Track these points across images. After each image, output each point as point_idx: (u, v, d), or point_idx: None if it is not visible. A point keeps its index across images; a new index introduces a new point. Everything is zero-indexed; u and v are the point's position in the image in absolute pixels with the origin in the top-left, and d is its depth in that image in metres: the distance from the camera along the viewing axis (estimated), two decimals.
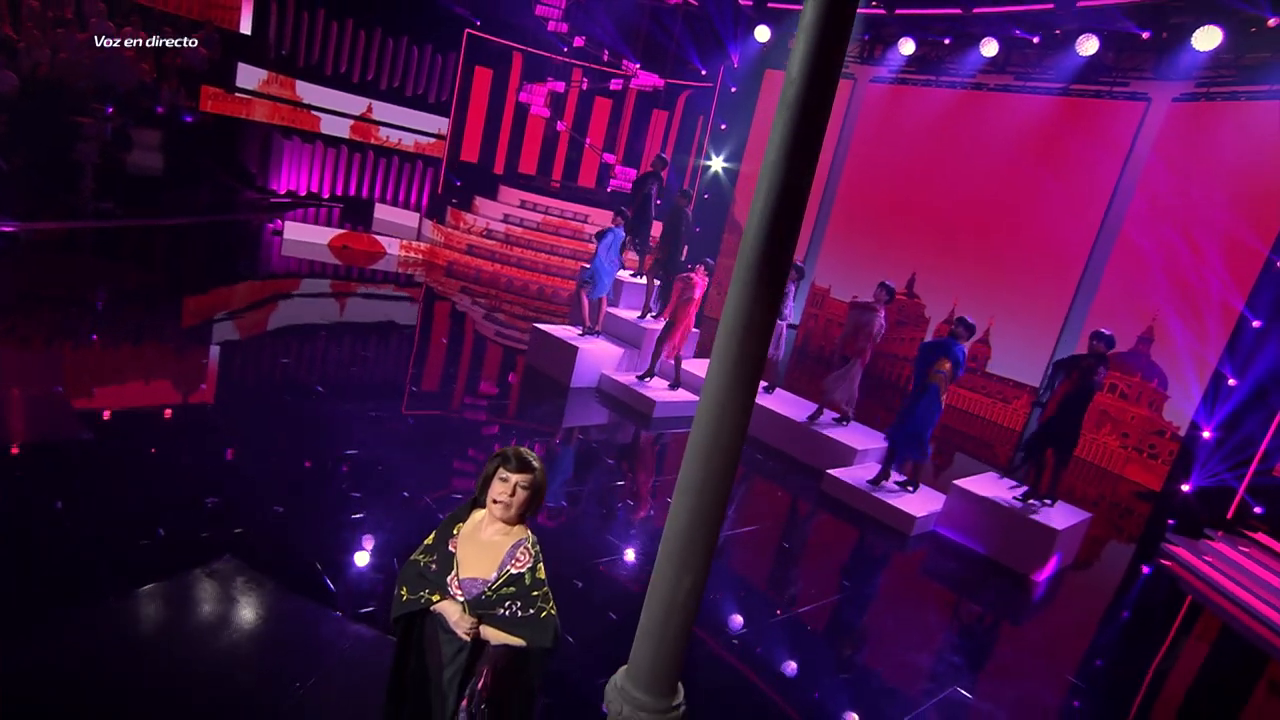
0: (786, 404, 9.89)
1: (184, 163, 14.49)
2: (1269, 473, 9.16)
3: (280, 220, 14.91)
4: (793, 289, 10.17)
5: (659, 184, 11.80)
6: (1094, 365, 7.48)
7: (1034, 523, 7.55)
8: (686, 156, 17.57)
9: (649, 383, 10.00)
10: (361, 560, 5.23)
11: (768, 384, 10.09)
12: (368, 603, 4.74)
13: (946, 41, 13.05)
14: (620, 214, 10.65)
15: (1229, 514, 9.35)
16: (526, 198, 17.23)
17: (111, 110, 13.30)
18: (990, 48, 12.34)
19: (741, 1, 15.23)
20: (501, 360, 11.21)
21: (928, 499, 8.30)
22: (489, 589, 2.74)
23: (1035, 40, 11.99)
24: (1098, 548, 8.93)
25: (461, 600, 2.75)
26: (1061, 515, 7.79)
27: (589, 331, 10.46)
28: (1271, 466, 9.19)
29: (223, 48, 15.03)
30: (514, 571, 2.75)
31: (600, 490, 7.51)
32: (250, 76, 15.55)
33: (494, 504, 2.77)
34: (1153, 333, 10.93)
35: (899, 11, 12.93)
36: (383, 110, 17.39)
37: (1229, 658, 7.33)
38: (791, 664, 5.31)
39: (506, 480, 2.76)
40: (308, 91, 16.46)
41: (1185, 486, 9.98)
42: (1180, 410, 10.60)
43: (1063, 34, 11.69)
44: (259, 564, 4.83)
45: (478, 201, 17.11)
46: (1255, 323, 9.73)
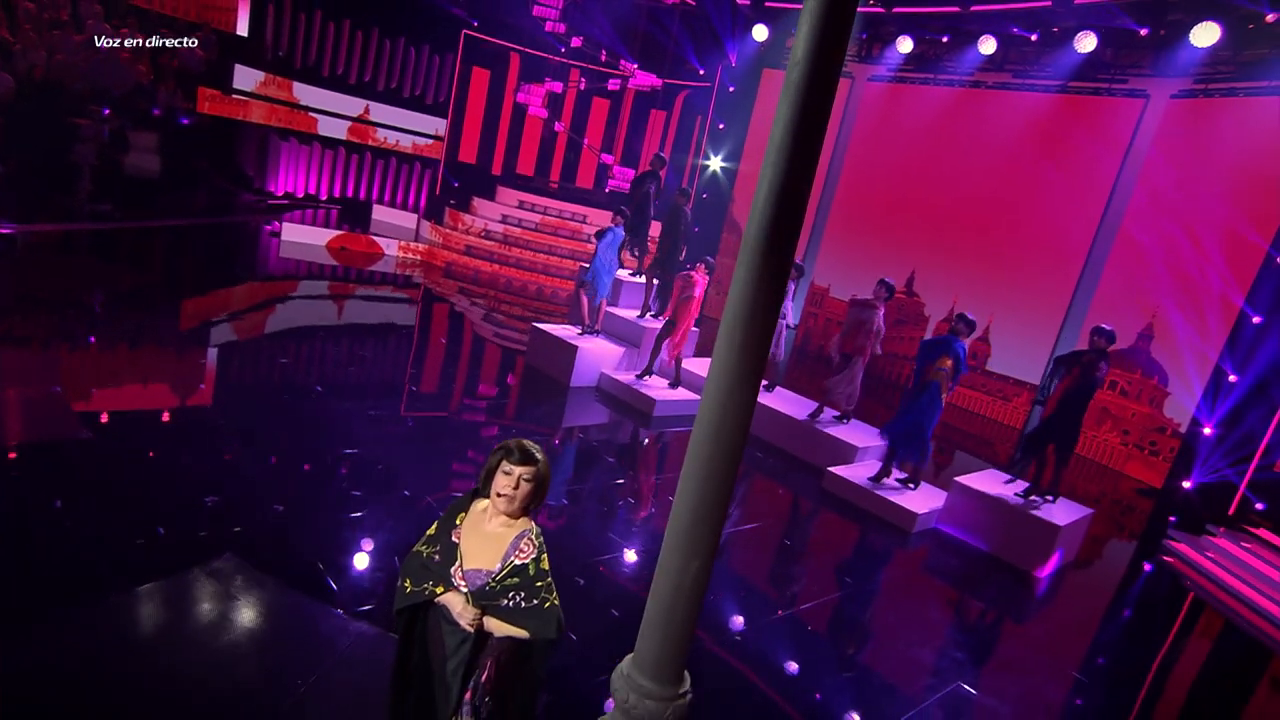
0: (787, 402, 9.87)
1: (181, 165, 14.45)
2: (1270, 468, 9.14)
3: (278, 222, 14.88)
4: (793, 287, 10.14)
5: (657, 183, 11.78)
6: (1095, 361, 7.46)
7: (1036, 519, 7.53)
8: (685, 156, 17.54)
9: (647, 381, 9.99)
10: (362, 558, 5.20)
11: (768, 382, 10.07)
12: (368, 601, 4.71)
13: (944, 39, 13.05)
14: (620, 213, 10.63)
15: (1230, 510, 9.33)
16: (524, 198, 17.20)
17: (108, 112, 13.27)
18: (988, 45, 12.34)
19: (739, 1, 15.21)
20: (500, 360, 11.18)
21: (929, 496, 8.28)
22: (493, 580, 2.71)
23: (1033, 38, 11.99)
24: (1099, 545, 8.91)
25: (465, 591, 2.72)
26: (1063, 511, 7.77)
27: (588, 330, 10.44)
28: (1273, 462, 9.17)
29: (219, 49, 15.00)
30: (518, 562, 2.73)
31: (601, 489, 7.48)
32: (247, 78, 15.53)
33: (498, 497, 2.75)
34: (1153, 329, 10.92)
35: (897, 10, 12.92)
36: (380, 111, 17.37)
37: (1232, 653, 7.30)
38: (794, 661, 5.28)
39: (510, 474, 2.73)
40: (305, 93, 16.44)
41: (1186, 483, 9.97)
42: (1181, 407, 10.59)
43: (1061, 31, 11.69)
44: (259, 562, 4.80)
45: (476, 202, 17.09)
46: (1255, 318, 9.72)
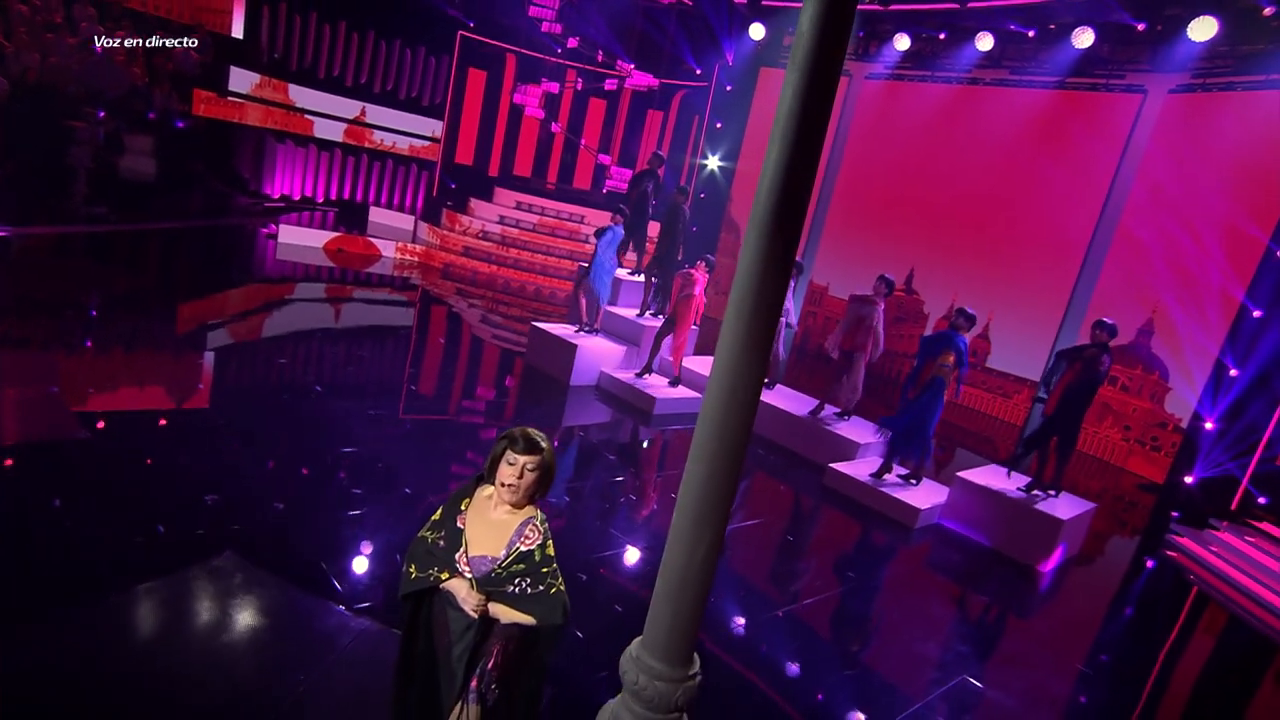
0: (788, 399, 9.84)
1: (177, 167, 14.41)
2: (1272, 461, 9.12)
3: (274, 224, 14.83)
4: (792, 285, 10.10)
5: (655, 181, 11.76)
6: (1097, 355, 7.43)
7: (1039, 513, 7.50)
8: (682, 156, 17.53)
9: (647, 379, 9.96)
10: (363, 555, 5.16)
11: (768, 380, 10.04)
12: (370, 597, 4.67)
13: (942, 36, 13.04)
14: (620, 212, 10.61)
15: (1233, 505, 9.30)
16: (522, 199, 17.17)
17: (103, 115, 13.22)
18: (985, 42, 12.34)
19: (736, 0, 15.21)
20: (499, 361, 11.14)
21: (931, 491, 8.25)
22: (498, 567, 2.68)
23: (1030, 34, 11.98)
24: (1102, 540, 8.88)
25: (470, 577, 2.69)
26: (1066, 505, 7.75)
27: (585, 329, 10.40)
28: (1275, 455, 9.14)
29: (215, 51, 14.96)
30: (523, 549, 2.70)
31: (602, 486, 7.44)
32: (243, 80, 15.50)
33: (502, 487, 2.71)
34: (1153, 324, 10.90)
35: (894, 7, 12.92)
36: (376, 113, 17.35)
37: (1237, 647, 7.27)
38: (798, 657, 5.24)
39: (514, 463, 2.69)
40: (301, 95, 16.41)
41: (1188, 478, 9.94)
42: (1182, 402, 10.57)
43: (1058, 27, 11.69)
44: (260, 560, 4.76)
45: (473, 203, 17.05)
46: (1256, 312, 9.71)
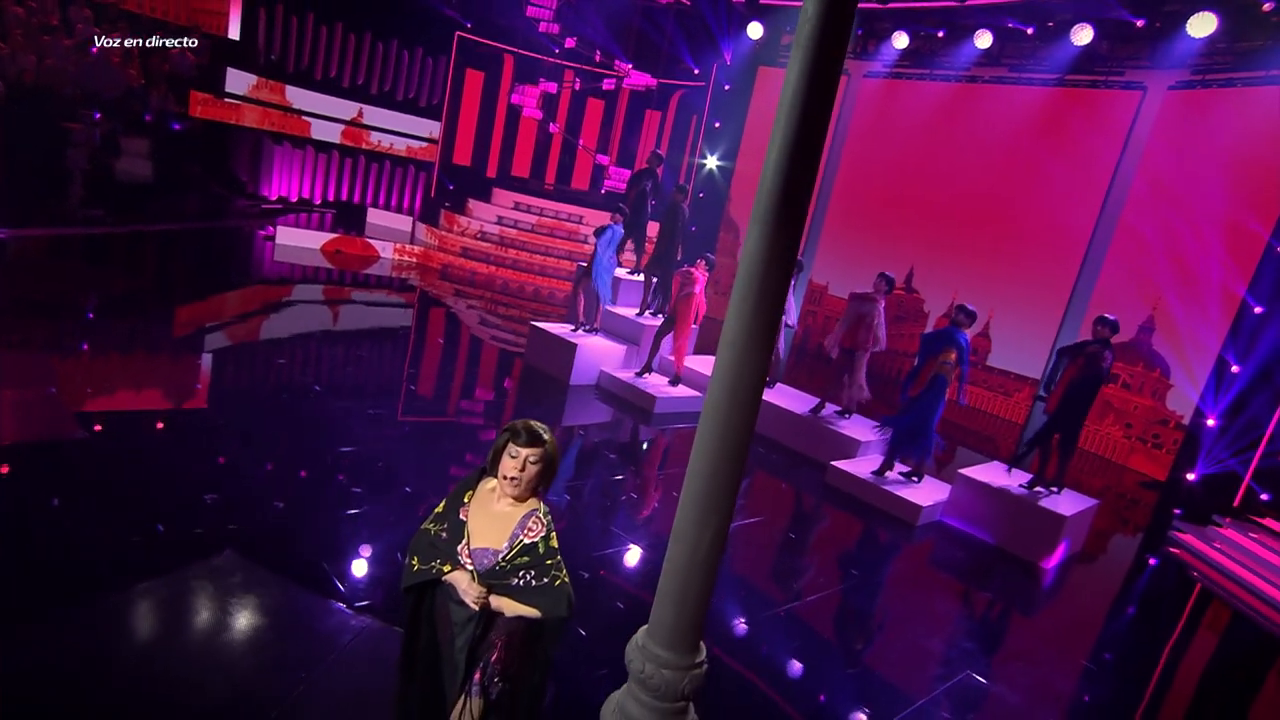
0: (788, 398, 9.81)
1: (173, 169, 14.35)
2: (1275, 457, 9.08)
3: (272, 226, 14.78)
4: (792, 283, 10.06)
5: (654, 180, 11.73)
6: (1099, 351, 7.40)
7: (1042, 510, 7.46)
8: (681, 155, 17.49)
9: (647, 378, 9.92)
10: (364, 554, 5.12)
11: (769, 379, 9.99)
12: (370, 595, 4.64)
13: (940, 34, 13.01)
14: (619, 211, 10.57)
15: (1235, 501, 9.27)
16: (520, 199, 17.13)
17: (99, 116, 13.17)
18: (984, 40, 12.31)
19: None
20: (499, 361, 11.10)
21: (933, 489, 8.21)
22: (502, 559, 2.65)
23: (1029, 31, 11.96)
24: (1104, 538, 8.85)
25: (471, 569, 2.66)
26: (1069, 502, 7.72)
27: (584, 329, 10.35)
28: (1277, 451, 9.11)
29: (211, 53, 14.92)
30: (527, 541, 2.67)
31: (603, 485, 7.40)
32: (239, 82, 15.44)
33: (504, 480, 2.69)
34: (1154, 322, 10.87)
35: (892, 5, 12.90)
36: (374, 114, 17.28)
37: (1241, 643, 7.24)
38: (802, 653, 5.20)
39: (516, 456, 2.67)
40: (298, 96, 16.35)
41: (1190, 475, 9.90)
42: (1184, 399, 10.53)
43: (1057, 24, 11.66)
44: (260, 559, 4.74)
45: (471, 204, 17.01)
46: (1257, 308, 9.68)
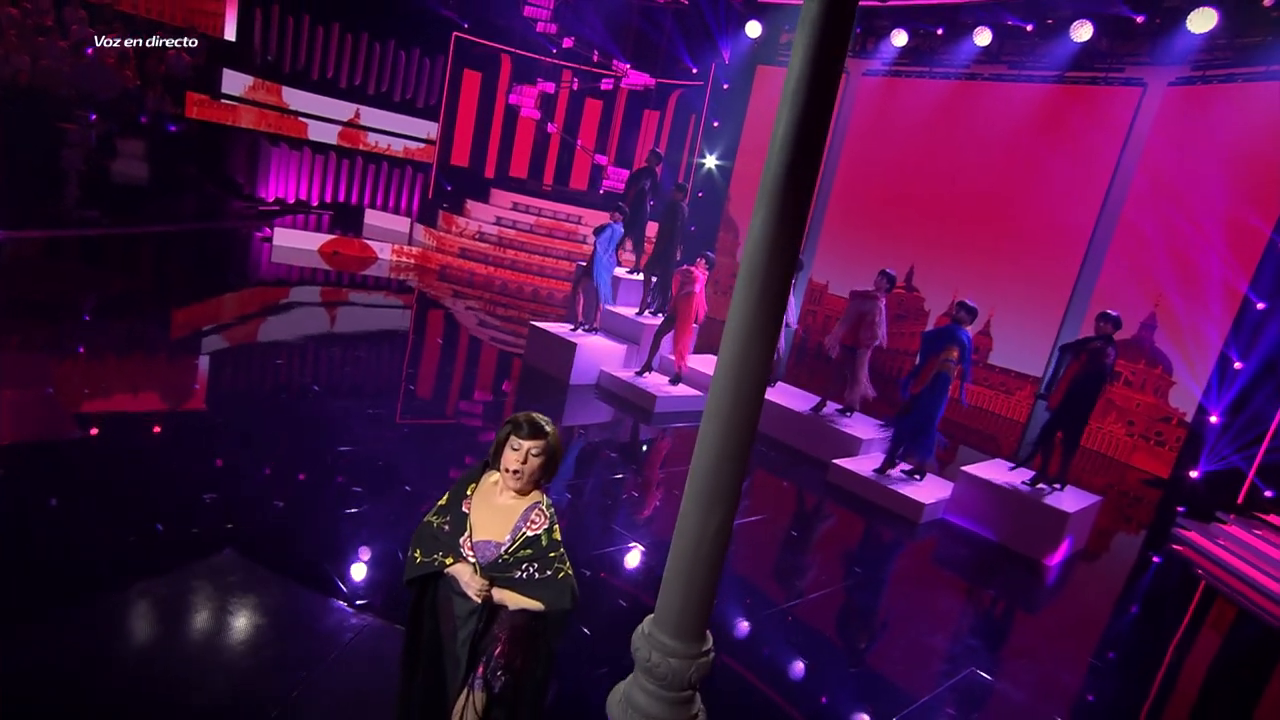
0: (789, 396, 9.76)
1: (169, 171, 14.29)
2: (1279, 451, 9.03)
3: (269, 227, 14.72)
4: (792, 282, 10.01)
5: (653, 179, 11.69)
6: (1102, 348, 7.35)
7: (1045, 506, 7.41)
8: (680, 155, 17.43)
9: (647, 377, 9.87)
10: (364, 552, 5.08)
11: (770, 378, 9.94)
12: (371, 594, 4.60)
13: (939, 32, 12.98)
14: (619, 209, 10.52)
15: (1239, 498, 9.22)
16: (519, 200, 17.08)
17: (95, 117, 13.11)
18: (983, 37, 12.27)
19: None
20: (498, 361, 11.05)
21: (936, 487, 8.16)
22: (505, 552, 2.61)
23: (1029, 28, 11.92)
24: (1107, 535, 8.80)
25: (474, 561, 2.62)
26: (1072, 499, 7.66)
27: (583, 328, 10.30)
28: None
29: (207, 54, 14.85)
30: (529, 534, 2.63)
31: (603, 484, 7.35)
32: (236, 83, 15.37)
33: (507, 473, 2.66)
34: (1155, 319, 10.83)
35: (891, 2, 12.86)
36: (371, 115, 17.22)
37: (1246, 640, 7.20)
38: (805, 650, 5.15)
39: (518, 448, 2.63)
40: (294, 98, 16.29)
41: (1194, 472, 9.84)
42: (1186, 395, 10.49)
43: (1056, 21, 11.63)
44: (260, 558, 4.71)
45: (469, 205, 16.96)
46: (1260, 304, 9.63)
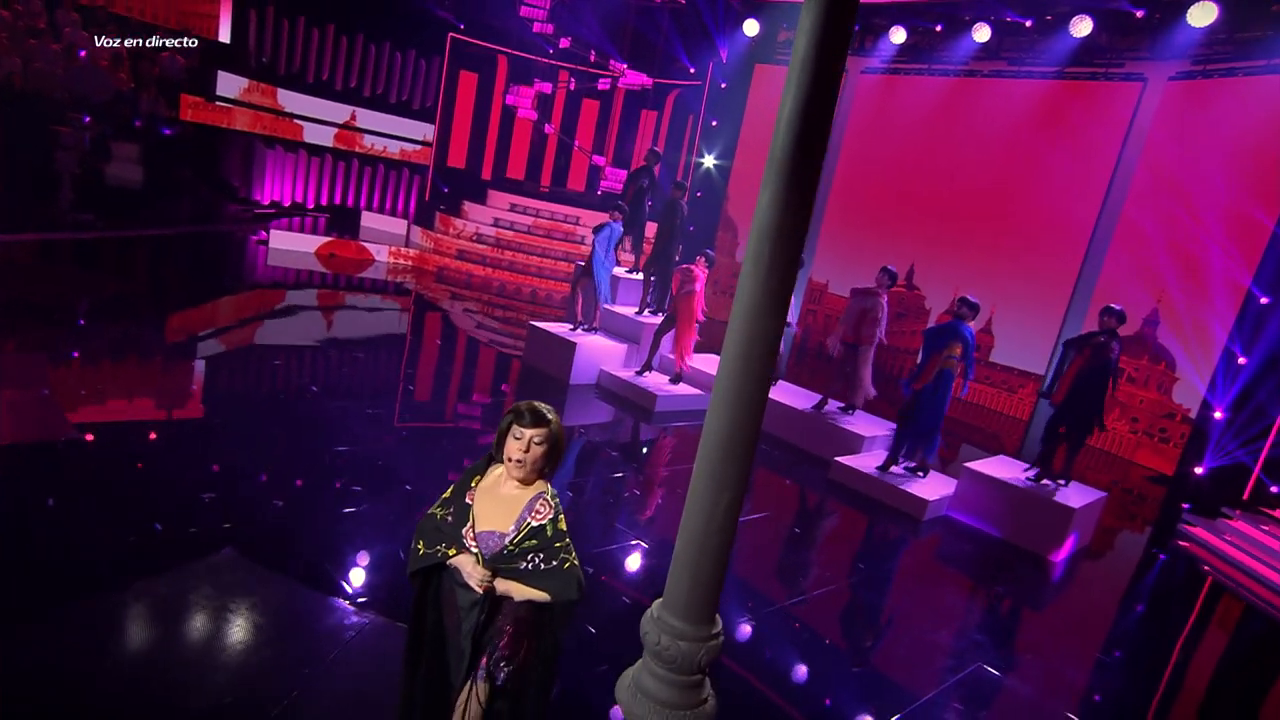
0: (791, 395, 9.68)
1: (164, 174, 14.21)
2: None
3: (265, 230, 14.64)
4: None
5: (651, 178, 11.63)
6: (1107, 342, 7.29)
7: (1050, 502, 7.35)
8: (678, 155, 17.37)
9: (647, 377, 9.80)
10: (363, 552, 5.01)
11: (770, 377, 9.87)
12: (371, 592, 4.54)
13: (938, 29, 12.93)
14: (619, 209, 10.45)
15: (1245, 494, 9.15)
16: (516, 201, 17.01)
17: (89, 120, 13.03)
18: (982, 33, 12.22)
19: None
20: (496, 362, 10.98)
21: (939, 483, 8.09)
22: (510, 543, 2.56)
23: (1028, 24, 11.88)
24: (1112, 532, 8.73)
25: (476, 552, 2.56)
26: (1077, 494, 7.60)
27: (583, 327, 10.22)
28: None
29: (202, 56, 14.78)
30: (534, 524, 2.58)
31: (604, 483, 7.27)
32: (231, 85, 15.29)
33: (510, 463, 2.61)
34: (1158, 315, 10.77)
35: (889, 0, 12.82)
36: (367, 118, 17.14)
37: (1253, 635, 7.14)
38: (809, 647, 5.08)
39: (521, 438, 2.59)
40: (290, 100, 16.20)
41: (1199, 469, 9.77)
42: (1190, 391, 10.42)
43: (1055, 16, 11.58)
44: (260, 558, 4.66)
45: (466, 206, 16.89)
46: (1263, 299, 9.57)
